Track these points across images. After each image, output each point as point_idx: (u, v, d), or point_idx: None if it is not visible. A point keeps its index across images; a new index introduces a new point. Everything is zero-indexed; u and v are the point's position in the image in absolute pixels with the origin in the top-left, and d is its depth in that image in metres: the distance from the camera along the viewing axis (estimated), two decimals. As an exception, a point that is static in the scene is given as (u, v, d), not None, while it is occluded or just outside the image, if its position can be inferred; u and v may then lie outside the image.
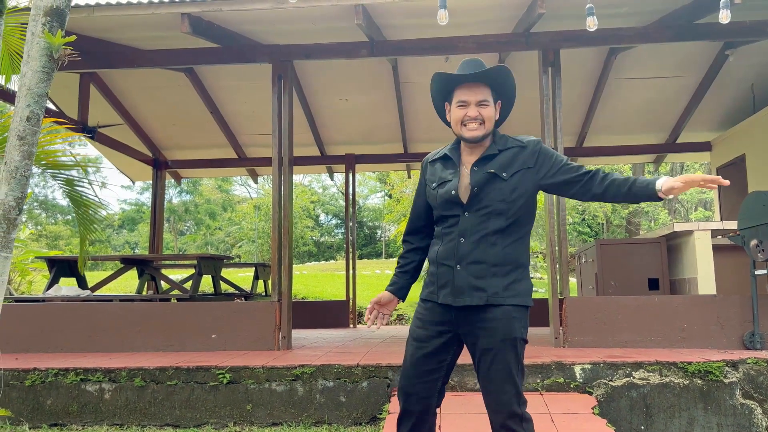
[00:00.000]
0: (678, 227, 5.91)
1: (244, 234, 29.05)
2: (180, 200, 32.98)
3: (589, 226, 23.39)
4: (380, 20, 5.63)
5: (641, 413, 4.09)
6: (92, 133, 7.29)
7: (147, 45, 6.13)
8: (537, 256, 17.38)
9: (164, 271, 8.65)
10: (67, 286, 6.54)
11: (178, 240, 31.90)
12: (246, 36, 5.91)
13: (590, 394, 4.13)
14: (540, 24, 5.40)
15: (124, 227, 34.71)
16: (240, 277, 14.59)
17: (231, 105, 8.20)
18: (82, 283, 6.84)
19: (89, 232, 4.36)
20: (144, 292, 7.44)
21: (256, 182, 11.14)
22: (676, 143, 8.86)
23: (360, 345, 5.76)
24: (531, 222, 2.29)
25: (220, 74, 7.41)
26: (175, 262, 9.69)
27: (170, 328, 5.39)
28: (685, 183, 2.05)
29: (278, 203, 5.71)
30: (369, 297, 12.99)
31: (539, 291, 14.09)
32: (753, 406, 4.06)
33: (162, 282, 7.71)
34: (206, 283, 11.15)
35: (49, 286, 6.48)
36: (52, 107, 7.42)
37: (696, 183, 2.04)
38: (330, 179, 12.48)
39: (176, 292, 7.23)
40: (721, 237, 5.93)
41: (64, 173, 4.05)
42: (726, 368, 4.14)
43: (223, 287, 8.49)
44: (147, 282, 7.50)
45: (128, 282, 15.32)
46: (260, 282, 8.77)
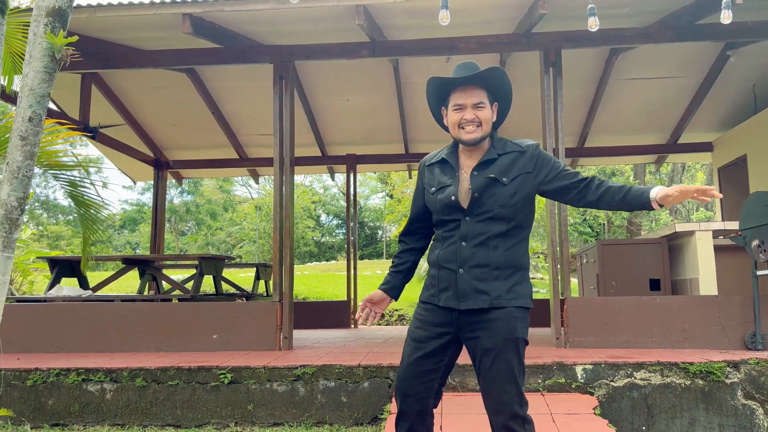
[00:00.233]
0: (679, 228, 5.91)
1: (245, 234, 29.06)
2: (181, 200, 33.02)
3: (590, 227, 23.36)
4: (381, 20, 5.63)
5: (643, 414, 4.09)
6: (94, 134, 7.30)
7: (148, 45, 6.14)
8: (538, 257, 17.37)
9: (165, 272, 8.66)
10: (69, 287, 6.55)
11: (180, 240, 31.92)
12: (247, 36, 5.91)
13: (592, 395, 4.13)
14: (541, 24, 5.40)
15: (126, 227, 34.74)
16: (241, 278, 14.60)
17: (232, 105, 8.21)
18: (84, 284, 6.85)
19: (91, 232, 4.37)
20: (145, 293, 7.45)
21: (257, 182, 11.15)
22: (678, 144, 8.85)
23: (361, 345, 5.76)
24: (530, 224, 2.30)
25: (222, 74, 7.42)
26: (177, 263, 9.71)
27: (171, 329, 5.40)
28: (680, 193, 2.05)
29: (279, 203, 5.71)
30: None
31: (540, 291, 14.09)
32: (754, 407, 4.06)
33: (163, 282, 7.72)
34: (207, 284, 11.19)
35: (51, 286, 6.49)
36: (54, 107, 7.43)
37: (690, 193, 2.04)
38: (331, 179, 12.49)
39: (177, 293, 7.24)
40: (723, 237, 5.93)
41: (66, 173, 4.06)
42: (727, 369, 4.14)
43: (225, 287, 8.50)
44: (148, 282, 7.51)
45: (129, 282, 15.34)
46: (261, 282, 8.78)
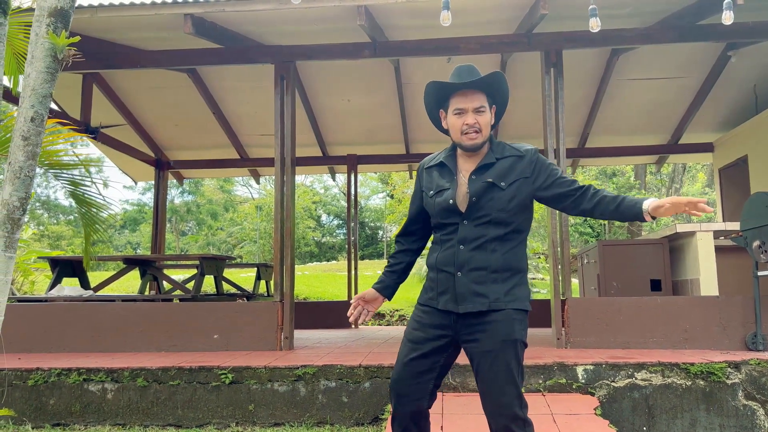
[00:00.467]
0: (680, 228, 5.90)
1: (246, 234, 29.04)
2: (182, 200, 33.03)
3: (591, 227, 23.34)
4: (383, 21, 5.63)
5: (643, 414, 4.09)
6: (95, 134, 7.30)
7: (150, 45, 6.14)
8: (539, 257, 17.36)
9: (166, 272, 8.66)
10: (70, 287, 6.55)
11: (180, 240, 31.92)
12: (248, 37, 5.92)
13: (592, 395, 4.13)
14: (542, 25, 5.40)
15: (126, 227, 34.75)
16: (242, 278, 14.60)
17: (233, 105, 8.21)
18: (85, 284, 6.85)
19: (93, 231, 4.37)
20: (146, 293, 7.45)
21: (258, 183, 11.16)
22: (679, 144, 8.85)
23: (362, 345, 5.76)
24: (528, 228, 2.31)
25: (223, 75, 7.42)
26: (177, 263, 9.72)
27: (172, 329, 5.40)
28: (672, 204, 2.05)
29: (280, 204, 5.71)
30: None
31: (541, 292, 14.08)
32: (755, 407, 4.06)
33: (164, 282, 7.72)
34: (208, 284, 11.19)
35: (52, 286, 6.49)
36: (55, 108, 7.43)
37: (682, 206, 2.04)
38: (332, 180, 12.49)
39: (178, 293, 7.24)
40: (724, 238, 5.92)
41: (67, 173, 4.06)
42: (728, 369, 4.14)
43: (226, 287, 8.51)
44: (149, 282, 7.51)
45: (130, 282, 15.33)
46: (262, 282, 8.79)
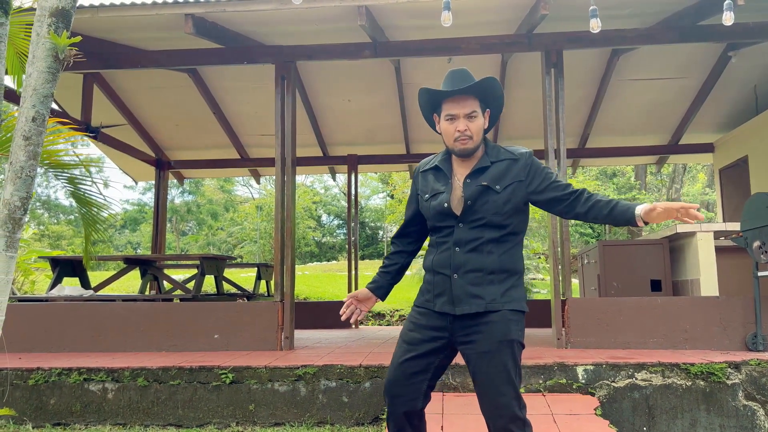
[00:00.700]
0: (680, 228, 5.91)
1: (246, 234, 29.02)
2: (182, 200, 33.03)
3: (592, 228, 23.33)
4: (383, 21, 5.63)
5: (644, 414, 4.09)
6: (95, 134, 7.31)
7: (150, 45, 6.15)
8: (539, 257, 17.35)
9: (167, 271, 8.67)
10: (70, 286, 6.56)
11: (180, 240, 31.93)
12: (249, 37, 5.92)
13: (593, 395, 4.13)
14: (543, 25, 5.41)
15: (127, 227, 34.75)
16: (242, 278, 14.60)
17: (234, 105, 8.22)
18: (85, 283, 6.86)
19: (93, 231, 4.37)
20: (147, 292, 7.45)
21: (259, 183, 11.16)
22: (679, 144, 8.85)
23: (362, 345, 5.76)
24: (524, 229, 2.32)
25: (223, 75, 7.43)
26: (178, 262, 9.71)
27: (173, 328, 5.40)
28: (664, 210, 2.05)
29: (281, 204, 5.72)
30: (371, 298, 12.96)
31: (541, 292, 14.08)
32: (755, 408, 4.06)
33: (165, 282, 7.72)
34: (209, 284, 11.20)
35: (52, 286, 6.49)
36: (56, 107, 7.44)
37: (674, 212, 2.04)
38: (332, 180, 12.49)
39: (179, 292, 7.24)
40: (724, 238, 5.93)
41: (68, 173, 4.06)
42: (728, 370, 4.14)
43: (226, 287, 8.51)
44: (150, 282, 7.52)
45: (131, 282, 15.33)
46: (263, 282, 8.79)
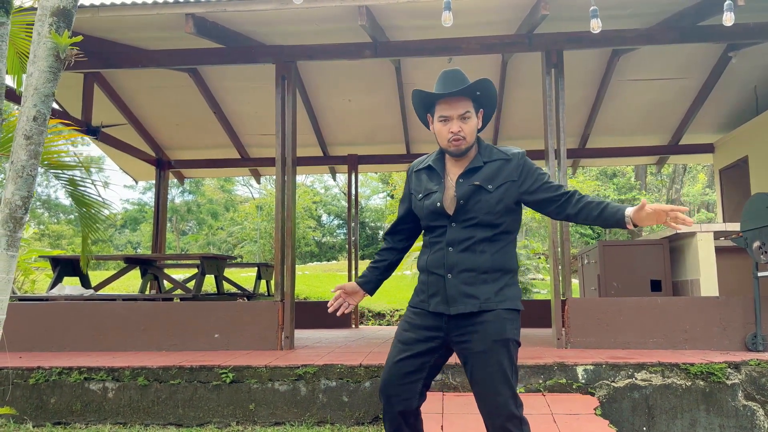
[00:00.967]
0: (681, 228, 5.91)
1: (246, 234, 29.02)
2: (182, 200, 33.03)
3: (592, 228, 23.33)
4: (384, 21, 5.64)
5: (643, 414, 4.09)
6: (96, 133, 7.32)
7: (151, 45, 6.15)
8: (539, 257, 17.36)
9: (167, 271, 8.67)
10: (71, 286, 6.56)
11: (181, 240, 31.93)
12: (249, 37, 5.92)
13: (592, 395, 4.14)
14: (543, 25, 5.41)
15: (127, 227, 34.76)
16: (242, 277, 14.60)
17: (234, 105, 8.22)
18: (86, 283, 6.86)
19: (92, 232, 4.38)
20: (147, 292, 7.46)
21: (259, 182, 11.16)
22: (679, 145, 8.85)
23: (362, 345, 5.77)
24: (517, 229, 2.33)
25: (224, 75, 7.43)
26: (178, 262, 9.71)
27: (173, 328, 5.41)
28: (654, 211, 2.05)
29: (281, 203, 5.72)
30: (371, 297, 12.97)
31: (541, 292, 14.08)
32: (755, 408, 4.07)
33: (165, 282, 7.73)
34: (209, 283, 11.20)
35: (53, 285, 6.50)
36: (57, 107, 7.44)
37: (663, 215, 2.04)
38: (332, 180, 12.50)
39: (179, 292, 7.25)
40: (724, 239, 5.93)
41: (67, 173, 4.07)
42: (728, 370, 4.14)
43: (226, 287, 8.51)
44: (150, 282, 7.52)
45: (131, 282, 15.33)
46: (263, 282, 8.79)
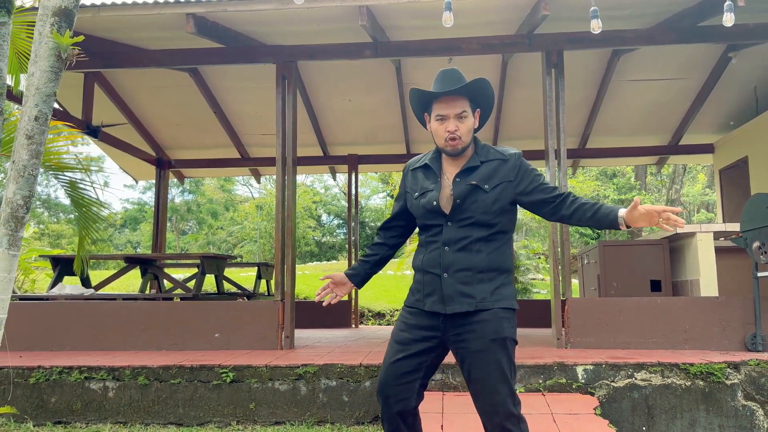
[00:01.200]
0: (680, 229, 5.92)
1: (246, 234, 29.04)
2: (182, 200, 33.03)
3: (592, 228, 23.34)
4: (384, 21, 5.64)
5: (643, 414, 4.10)
6: (96, 133, 7.32)
7: (152, 45, 6.15)
8: (539, 257, 17.36)
9: (167, 271, 8.68)
10: (71, 285, 6.56)
11: (181, 239, 31.94)
12: (250, 36, 5.93)
13: (592, 395, 4.14)
14: (543, 26, 5.41)
15: (127, 226, 34.76)
16: (242, 277, 14.60)
17: (234, 105, 8.23)
18: (86, 282, 6.86)
19: (90, 232, 4.37)
20: (147, 291, 7.46)
21: (259, 182, 11.16)
22: (679, 145, 8.86)
23: (362, 345, 5.77)
24: (513, 228, 2.35)
25: (224, 74, 7.44)
26: (178, 262, 9.72)
27: (173, 327, 5.41)
28: (647, 212, 2.07)
29: (282, 203, 5.72)
30: (371, 297, 12.99)
31: (541, 292, 14.08)
32: (755, 408, 4.07)
33: (165, 281, 7.73)
34: (209, 283, 11.20)
35: (53, 285, 6.50)
36: (57, 107, 7.44)
37: (656, 216, 2.05)
38: (332, 179, 12.51)
39: (179, 292, 7.25)
40: (724, 239, 5.93)
41: (66, 174, 4.06)
42: (728, 370, 4.15)
43: (226, 287, 8.52)
44: (150, 281, 7.53)
45: (131, 281, 15.33)
46: (263, 281, 8.80)
